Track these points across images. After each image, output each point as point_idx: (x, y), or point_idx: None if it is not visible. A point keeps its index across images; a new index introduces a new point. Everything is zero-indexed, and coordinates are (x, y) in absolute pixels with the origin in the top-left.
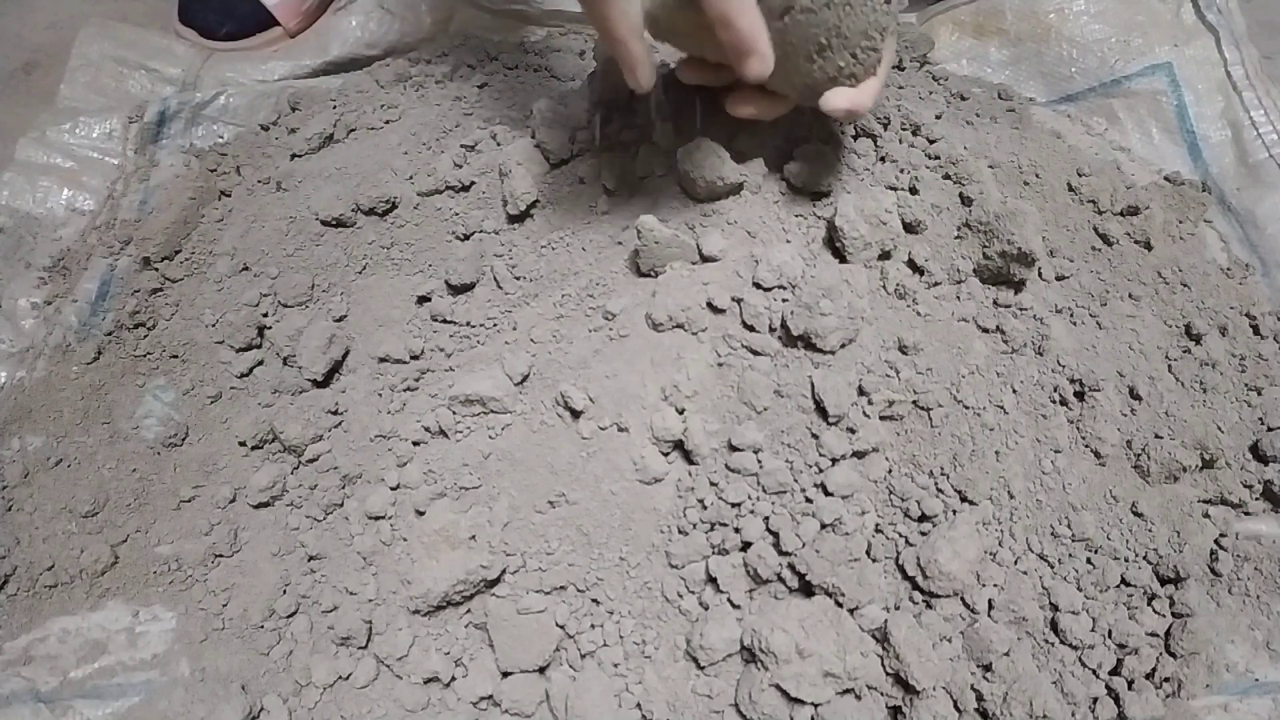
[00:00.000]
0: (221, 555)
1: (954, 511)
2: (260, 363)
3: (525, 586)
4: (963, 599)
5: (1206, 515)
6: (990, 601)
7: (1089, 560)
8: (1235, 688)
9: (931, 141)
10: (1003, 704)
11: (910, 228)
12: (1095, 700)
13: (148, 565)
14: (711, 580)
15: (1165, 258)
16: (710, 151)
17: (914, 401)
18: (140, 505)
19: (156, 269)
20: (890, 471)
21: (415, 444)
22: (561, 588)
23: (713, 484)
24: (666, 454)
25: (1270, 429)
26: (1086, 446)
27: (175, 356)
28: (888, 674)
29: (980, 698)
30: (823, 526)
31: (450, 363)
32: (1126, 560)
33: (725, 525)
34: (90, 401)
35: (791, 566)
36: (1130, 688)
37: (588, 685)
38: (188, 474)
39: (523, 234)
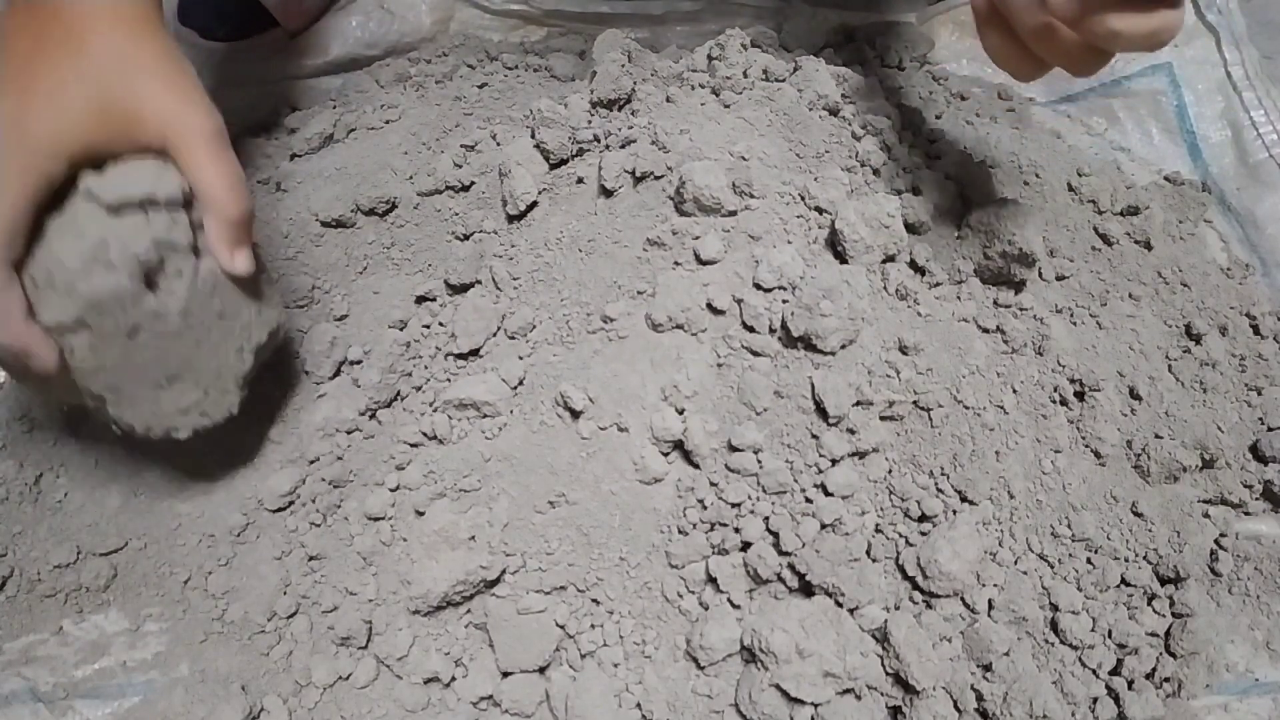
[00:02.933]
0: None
1: (954, 511)
2: None
3: (525, 586)
4: (963, 599)
5: (1206, 515)
6: (990, 601)
7: (1089, 560)
8: (1235, 688)
9: (932, 141)
10: (1003, 704)
11: (913, 229)
12: (1095, 700)
13: (148, 566)
14: (711, 580)
15: (1165, 258)
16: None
17: (914, 402)
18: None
19: None
20: (890, 472)
21: (414, 445)
22: (561, 588)
23: (713, 484)
24: (666, 454)
25: (1270, 429)
26: (1086, 446)
27: None
28: (888, 674)
29: (980, 698)
30: (823, 526)
31: (448, 365)
32: (1126, 560)
33: (725, 525)
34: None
35: (791, 566)
36: (1130, 688)
37: (588, 685)
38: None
39: (522, 234)
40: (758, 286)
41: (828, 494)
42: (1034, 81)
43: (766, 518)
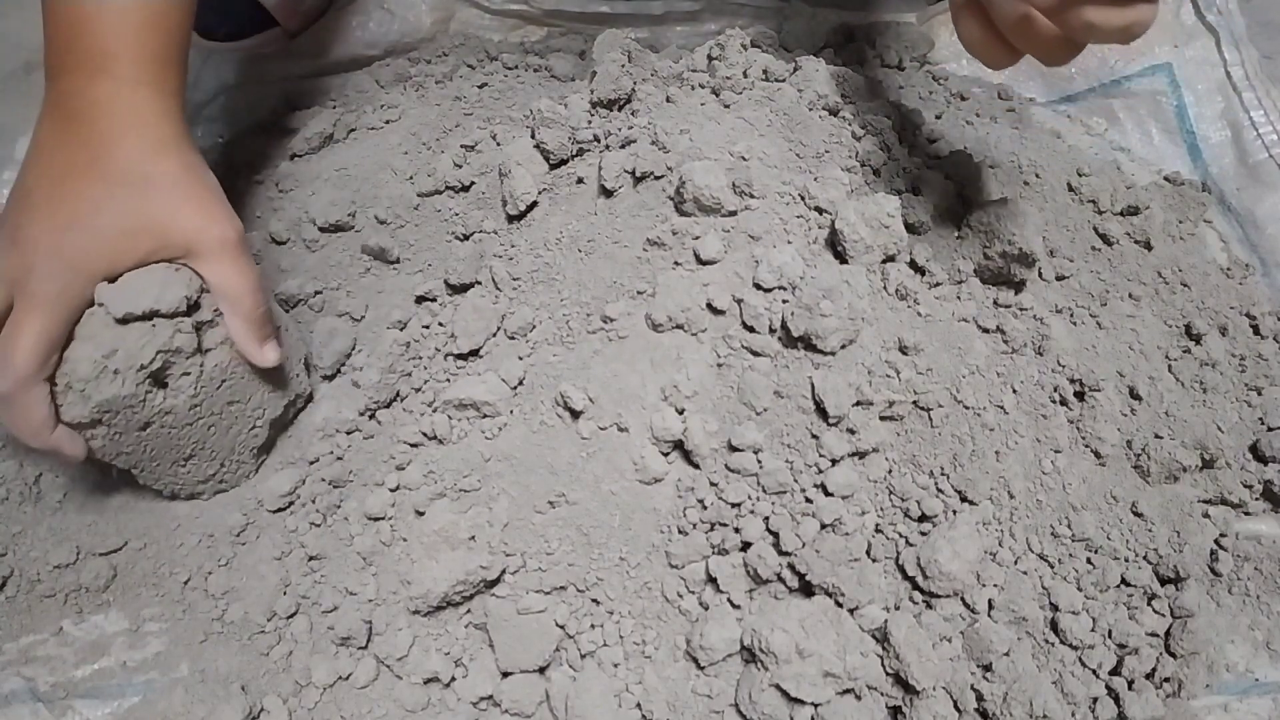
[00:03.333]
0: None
1: (954, 511)
2: None
3: (525, 586)
4: (963, 599)
5: (1206, 515)
6: (990, 601)
7: (1089, 560)
8: (1235, 688)
9: (932, 141)
10: (1003, 704)
11: (912, 229)
12: (1095, 700)
13: (148, 566)
14: (711, 580)
15: (1165, 258)
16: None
17: (914, 402)
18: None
19: None
20: (890, 471)
21: (414, 445)
22: (561, 588)
23: (713, 484)
24: (666, 454)
25: (1270, 429)
26: (1086, 446)
27: None
28: (888, 674)
29: (980, 698)
30: (823, 526)
31: (448, 365)
32: (1126, 560)
33: (725, 525)
34: None
35: (791, 566)
36: (1130, 688)
37: (588, 685)
38: None
39: (522, 234)
40: (758, 286)
41: (828, 494)
42: (1005, 70)
43: (766, 518)
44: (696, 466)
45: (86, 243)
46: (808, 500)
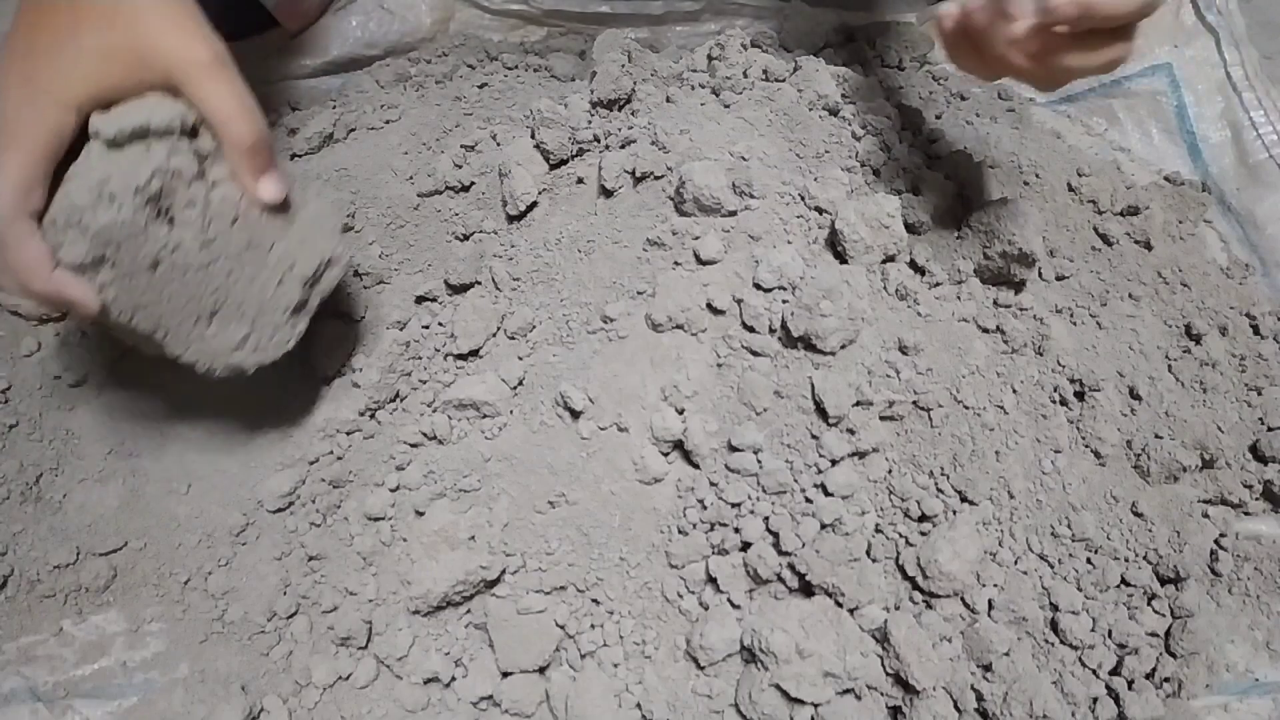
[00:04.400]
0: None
1: (954, 511)
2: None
3: (525, 586)
4: (963, 599)
5: (1206, 515)
6: (990, 601)
7: (1089, 560)
8: (1235, 688)
9: (932, 141)
10: (1003, 704)
11: (912, 229)
12: (1095, 700)
13: (148, 566)
14: (711, 580)
15: (1165, 258)
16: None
17: (914, 402)
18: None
19: None
20: (890, 471)
21: (414, 445)
22: (561, 588)
23: (713, 484)
24: (666, 454)
25: (1270, 429)
26: (1086, 446)
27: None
28: (888, 674)
29: (980, 698)
30: (823, 526)
31: (448, 365)
32: (1126, 560)
33: (725, 525)
34: None
35: (791, 566)
36: (1130, 688)
37: (588, 685)
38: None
39: (522, 234)
40: (758, 286)
41: (828, 494)
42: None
43: (766, 518)
44: (696, 466)
45: (59, 66)
46: (808, 500)
